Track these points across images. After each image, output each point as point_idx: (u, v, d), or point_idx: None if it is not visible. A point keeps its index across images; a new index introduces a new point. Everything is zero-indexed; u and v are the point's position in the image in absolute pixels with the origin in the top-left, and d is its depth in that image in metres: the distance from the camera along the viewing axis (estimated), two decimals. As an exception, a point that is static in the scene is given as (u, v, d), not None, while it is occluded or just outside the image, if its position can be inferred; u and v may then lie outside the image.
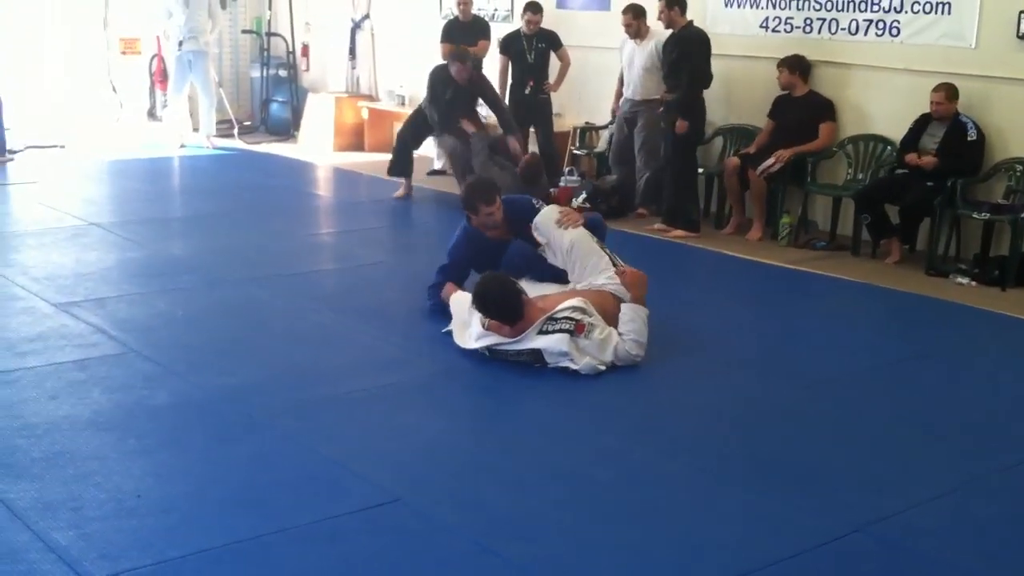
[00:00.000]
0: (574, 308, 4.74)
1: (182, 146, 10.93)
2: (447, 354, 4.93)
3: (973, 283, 6.55)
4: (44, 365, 4.60)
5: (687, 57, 7.54)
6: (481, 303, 4.79)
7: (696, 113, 7.67)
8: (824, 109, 7.69)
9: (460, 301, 5.09)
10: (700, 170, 8.16)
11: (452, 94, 8.30)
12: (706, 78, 7.64)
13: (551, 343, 4.66)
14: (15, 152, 9.99)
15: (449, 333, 5.09)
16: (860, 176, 7.56)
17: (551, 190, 8.41)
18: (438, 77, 8.38)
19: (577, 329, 4.66)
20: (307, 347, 5.05)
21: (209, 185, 9.47)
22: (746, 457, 4.00)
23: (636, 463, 3.90)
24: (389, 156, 8.98)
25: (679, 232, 7.71)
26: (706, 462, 3.93)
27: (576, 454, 3.96)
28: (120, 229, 7.30)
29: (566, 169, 8.76)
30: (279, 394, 4.39)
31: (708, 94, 7.75)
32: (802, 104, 7.71)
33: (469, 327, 4.93)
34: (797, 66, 7.67)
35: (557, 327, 4.66)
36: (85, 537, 3.18)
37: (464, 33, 9.22)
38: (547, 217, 5.26)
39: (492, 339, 4.79)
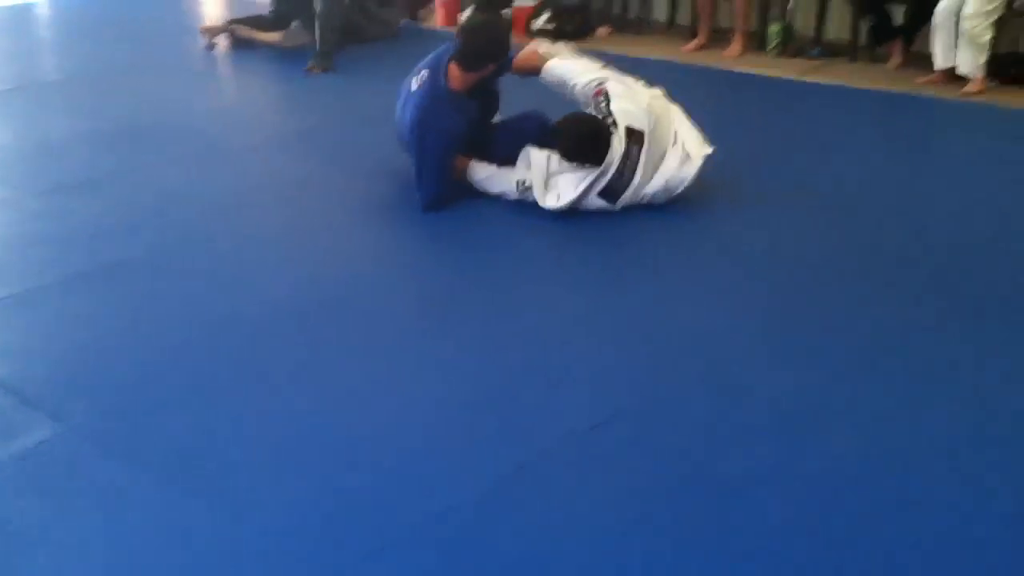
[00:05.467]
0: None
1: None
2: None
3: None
4: None
5: None
6: (579, 149, 4.20)
7: None
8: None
9: (536, 161, 4.29)
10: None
11: None
12: None
13: (625, 111, 4.23)
14: None
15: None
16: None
17: (504, 10, 7.64)
18: None
19: (597, 93, 4.31)
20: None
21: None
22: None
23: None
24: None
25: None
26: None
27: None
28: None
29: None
30: None
31: None
32: None
33: (555, 183, 4.26)
34: None
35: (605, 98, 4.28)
36: None
37: None
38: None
39: (610, 174, 4.20)
